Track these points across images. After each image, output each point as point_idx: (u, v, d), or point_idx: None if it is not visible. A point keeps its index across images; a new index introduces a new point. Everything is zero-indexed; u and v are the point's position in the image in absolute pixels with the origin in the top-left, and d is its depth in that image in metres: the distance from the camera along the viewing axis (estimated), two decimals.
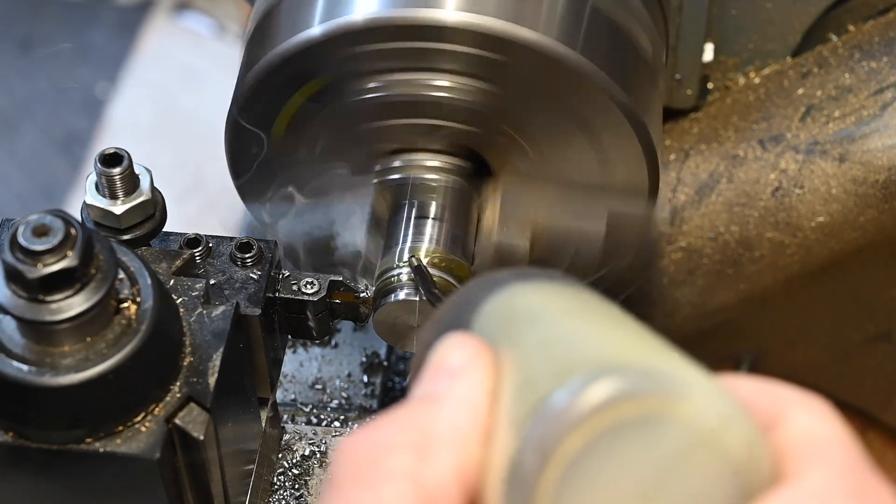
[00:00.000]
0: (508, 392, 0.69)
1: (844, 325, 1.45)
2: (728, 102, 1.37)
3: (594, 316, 0.72)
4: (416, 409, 0.70)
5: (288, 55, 1.09)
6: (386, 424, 0.70)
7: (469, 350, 0.72)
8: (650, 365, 0.67)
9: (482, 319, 0.74)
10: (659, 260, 1.37)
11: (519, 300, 0.74)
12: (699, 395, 0.65)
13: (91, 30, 2.99)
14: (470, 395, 0.70)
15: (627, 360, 0.67)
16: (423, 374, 0.72)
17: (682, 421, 0.65)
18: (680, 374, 0.66)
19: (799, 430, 0.68)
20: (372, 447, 0.69)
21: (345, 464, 0.69)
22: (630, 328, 0.71)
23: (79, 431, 0.95)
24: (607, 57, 1.09)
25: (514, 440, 0.67)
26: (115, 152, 1.05)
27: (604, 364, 0.66)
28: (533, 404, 0.66)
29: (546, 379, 0.67)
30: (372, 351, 1.35)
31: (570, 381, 0.66)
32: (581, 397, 0.65)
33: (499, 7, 1.06)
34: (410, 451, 0.68)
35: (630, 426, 0.65)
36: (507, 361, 0.71)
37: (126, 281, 0.96)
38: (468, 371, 0.71)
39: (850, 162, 1.29)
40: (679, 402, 0.65)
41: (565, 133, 1.12)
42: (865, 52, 1.32)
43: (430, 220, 1.15)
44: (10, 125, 2.86)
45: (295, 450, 1.20)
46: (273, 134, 1.16)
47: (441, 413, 0.69)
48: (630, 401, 0.65)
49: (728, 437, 0.65)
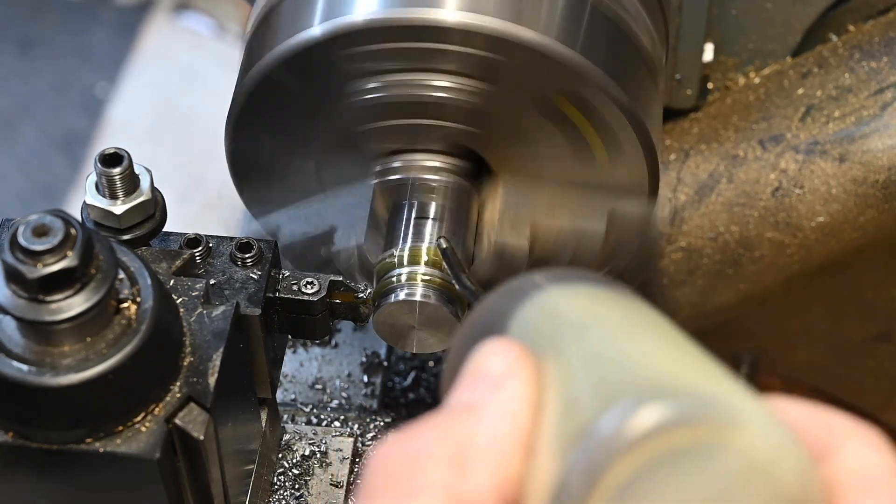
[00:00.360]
0: (553, 407, 0.66)
1: (844, 325, 1.45)
2: (728, 102, 1.37)
3: (643, 329, 0.69)
4: (455, 418, 0.67)
5: (288, 55, 1.09)
6: (422, 433, 0.67)
7: (511, 357, 0.68)
8: (702, 389, 0.64)
9: (521, 324, 0.71)
10: (659, 259, 1.37)
11: (563, 306, 0.71)
12: (753, 423, 0.63)
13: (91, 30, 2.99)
14: (512, 406, 0.67)
15: (679, 383, 0.65)
16: (460, 380, 0.69)
17: (736, 450, 0.62)
18: (733, 399, 0.64)
19: (853, 463, 0.66)
20: (408, 457, 0.66)
21: (379, 473, 0.66)
22: (679, 343, 0.68)
23: (79, 431, 0.95)
24: (607, 57, 1.09)
25: (559, 462, 0.64)
26: (116, 152, 1.06)
27: (654, 386, 0.64)
28: (579, 425, 0.64)
29: (593, 398, 0.65)
30: (372, 351, 1.35)
31: (620, 403, 0.63)
32: (631, 422, 0.62)
33: (499, 7, 1.06)
34: (448, 463, 0.65)
35: (681, 454, 0.62)
36: (551, 373, 0.68)
37: (126, 281, 0.96)
38: (510, 380, 0.67)
39: (850, 162, 1.29)
40: (733, 430, 0.62)
41: (565, 132, 1.12)
42: (865, 52, 1.32)
43: (430, 220, 1.15)
44: (10, 125, 2.86)
45: (295, 450, 1.20)
46: (273, 134, 1.16)
47: (481, 424, 0.66)
48: (681, 428, 0.62)
49: (782, 468, 0.63)
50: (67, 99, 2.89)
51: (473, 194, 1.17)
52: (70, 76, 2.92)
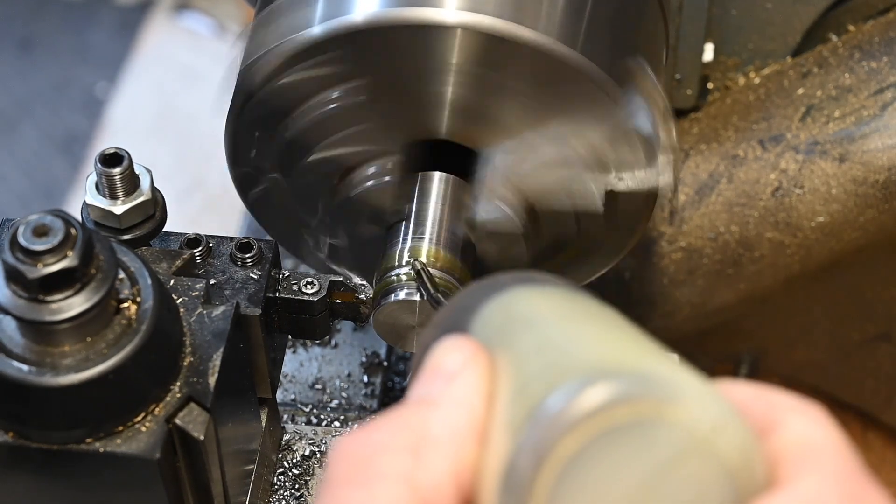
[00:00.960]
0: (504, 395, 0.70)
1: (844, 325, 1.45)
2: (728, 102, 1.37)
3: (590, 319, 0.73)
4: (412, 410, 0.70)
5: (288, 55, 1.09)
6: (381, 426, 0.70)
7: (465, 353, 0.72)
8: (645, 368, 0.67)
9: (480, 322, 0.75)
10: (658, 261, 1.37)
11: (516, 304, 0.75)
12: (693, 400, 0.65)
13: (91, 30, 2.99)
14: (465, 397, 0.70)
15: (622, 364, 0.67)
16: (420, 376, 0.73)
17: (676, 425, 0.65)
18: (674, 377, 0.66)
19: (794, 435, 0.68)
20: (366, 448, 0.69)
21: (339, 464, 0.69)
22: (626, 332, 0.71)
23: (79, 431, 0.95)
24: (607, 57, 1.09)
25: (509, 443, 0.67)
26: (116, 152, 1.05)
27: (598, 368, 0.67)
28: (528, 408, 0.67)
29: (541, 383, 0.68)
30: (372, 351, 1.35)
31: (564, 384, 0.66)
32: (576, 401, 0.65)
33: (499, 7, 1.06)
34: (405, 452, 0.68)
35: (624, 430, 0.65)
36: (503, 365, 0.71)
37: (126, 281, 0.96)
38: (463, 373, 0.71)
39: (850, 162, 1.29)
40: (673, 406, 0.65)
41: (565, 132, 1.12)
42: (865, 52, 1.32)
43: (430, 219, 1.15)
44: (10, 125, 2.86)
45: (295, 450, 1.20)
46: (273, 133, 1.16)
47: (436, 415, 0.70)
48: (624, 404, 0.65)
49: (722, 442, 0.65)
50: (67, 99, 2.89)
51: (474, 192, 1.17)
52: (70, 76, 2.93)
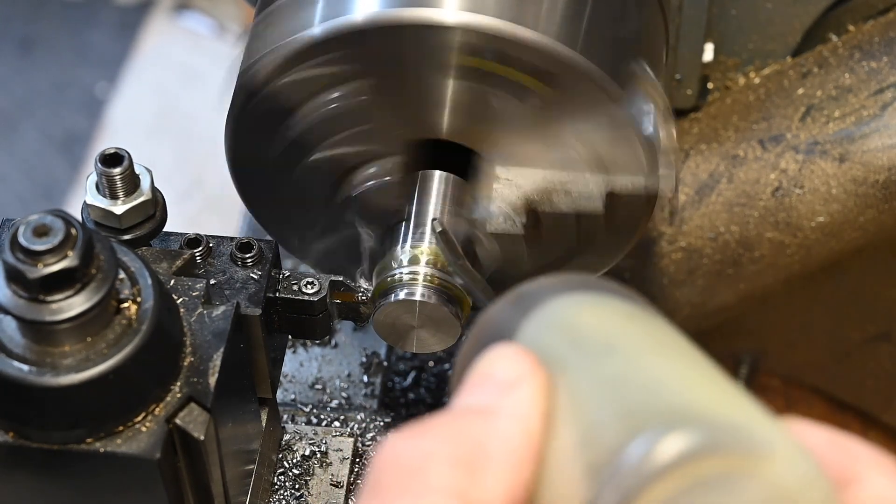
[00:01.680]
0: (571, 423, 0.66)
1: (844, 325, 1.45)
2: (728, 102, 1.37)
3: (664, 347, 0.69)
4: (464, 419, 0.66)
5: (288, 55, 1.09)
6: (431, 432, 0.66)
7: (522, 364, 0.68)
8: (729, 415, 0.65)
9: (533, 332, 0.71)
10: (658, 261, 1.37)
11: (579, 319, 0.71)
12: (781, 453, 0.63)
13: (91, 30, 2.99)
14: (524, 412, 0.66)
15: (706, 409, 0.65)
16: (467, 382, 0.68)
17: (764, 480, 0.63)
18: (759, 426, 0.64)
19: (874, 492, 0.66)
20: (417, 455, 0.65)
21: (387, 469, 0.65)
22: (699, 363, 0.68)
23: (79, 431, 0.95)
24: (607, 57, 1.09)
25: (586, 483, 0.64)
26: (116, 152, 1.06)
27: (683, 412, 0.64)
28: (607, 447, 0.64)
29: (621, 421, 0.65)
30: (372, 351, 1.35)
31: (650, 428, 0.63)
32: (662, 449, 0.62)
33: (499, 7, 1.06)
34: (458, 466, 0.64)
35: (710, 482, 0.62)
36: (567, 386, 0.67)
37: (126, 281, 0.96)
38: (521, 387, 0.67)
39: (850, 162, 1.29)
40: (761, 459, 0.63)
41: (564, 131, 1.12)
42: (865, 52, 1.32)
43: (430, 218, 1.15)
44: (10, 125, 2.86)
45: (295, 450, 1.20)
46: (273, 133, 1.16)
47: (492, 427, 0.66)
48: (711, 456, 0.62)
49: (808, 499, 0.63)
50: (67, 99, 2.90)
51: (474, 192, 1.17)
52: (70, 76, 2.93)
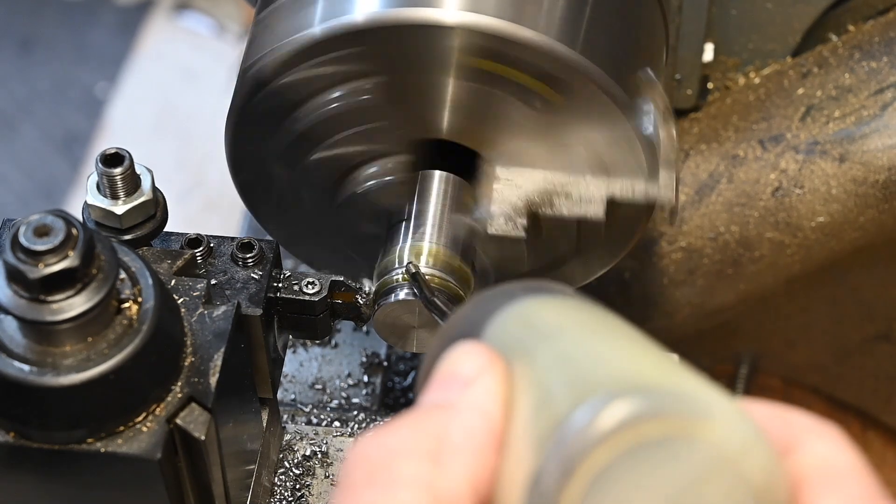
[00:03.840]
0: (525, 404, 0.69)
1: (844, 325, 1.45)
2: (728, 102, 1.37)
3: (612, 333, 0.72)
4: (430, 415, 0.70)
5: (288, 55, 1.09)
6: (398, 430, 0.69)
7: (481, 359, 0.71)
8: (673, 384, 0.67)
9: (494, 331, 0.74)
10: (657, 261, 1.37)
11: (535, 314, 0.74)
12: (722, 419, 0.65)
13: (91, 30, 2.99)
14: (484, 403, 0.70)
15: (650, 379, 0.67)
16: (433, 381, 0.72)
17: (705, 443, 0.65)
18: (703, 395, 0.66)
19: (815, 458, 0.68)
20: (386, 451, 0.69)
21: (358, 467, 0.69)
22: (648, 347, 0.71)
23: (80, 431, 0.95)
24: (607, 57, 1.09)
25: (535, 455, 0.66)
26: (117, 152, 1.06)
27: (626, 381, 0.66)
28: (554, 420, 0.66)
29: (567, 395, 0.67)
30: (372, 351, 1.35)
31: (594, 397, 0.65)
32: (605, 414, 0.64)
33: (499, 7, 1.06)
34: (425, 458, 0.68)
35: (652, 446, 0.64)
36: (523, 373, 0.70)
37: (127, 281, 0.96)
38: (481, 379, 0.70)
39: (850, 162, 1.29)
40: (702, 423, 0.65)
41: (565, 133, 1.12)
42: (865, 52, 1.32)
43: (430, 218, 1.15)
44: (10, 125, 2.86)
45: (296, 450, 1.20)
46: (273, 133, 1.16)
47: (455, 420, 0.69)
48: (653, 420, 0.64)
49: (748, 462, 0.65)
50: (67, 99, 2.90)
51: (474, 193, 1.18)
52: (70, 76, 2.93)
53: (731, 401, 0.67)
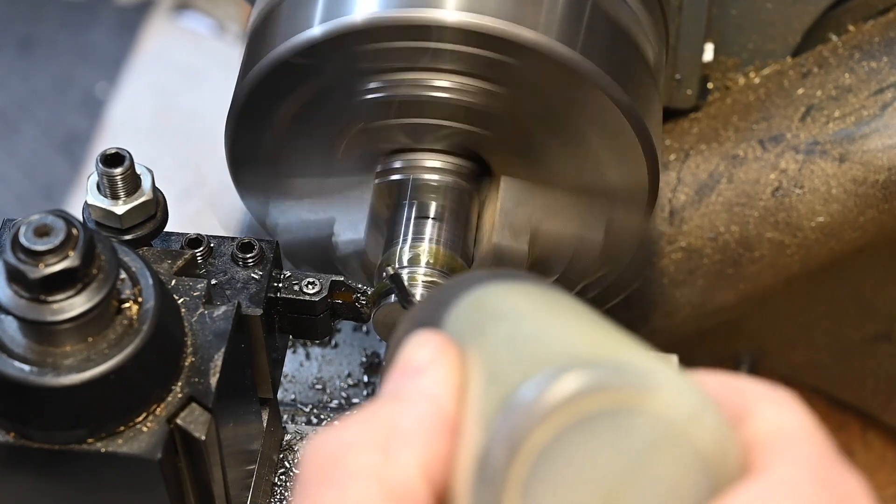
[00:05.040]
0: (476, 388, 0.69)
1: (844, 325, 1.45)
2: (728, 102, 1.37)
3: (562, 312, 0.72)
4: (381, 407, 0.70)
5: (288, 55, 1.10)
6: (351, 424, 0.69)
7: (433, 347, 0.71)
8: (620, 358, 0.67)
9: (452, 318, 0.74)
10: (657, 261, 1.37)
11: (488, 298, 0.74)
12: (669, 389, 0.65)
13: (91, 30, 2.99)
14: (433, 391, 0.69)
15: (596, 354, 0.67)
16: (390, 373, 0.72)
17: (652, 414, 0.65)
18: (650, 367, 0.66)
19: (766, 423, 0.68)
20: (336, 446, 0.68)
21: (310, 464, 0.69)
22: (598, 324, 0.71)
23: (80, 431, 0.95)
24: (607, 57, 1.09)
25: (482, 434, 0.66)
26: (117, 152, 1.06)
27: (572, 357, 0.67)
28: (501, 398, 0.66)
29: (513, 373, 0.67)
30: (372, 351, 1.35)
31: (538, 373, 0.66)
32: (550, 389, 0.65)
33: (499, 7, 1.06)
34: (374, 449, 0.68)
35: (599, 419, 0.65)
36: (475, 358, 0.70)
37: (128, 281, 0.96)
38: (432, 367, 0.70)
39: (850, 162, 1.29)
40: (648, 395, 0.65)
41: (565, 133, 1.12)
42: (865, 52, 1.32)
43: (430, 220, 1.15)
44: (10, 125, 2.86)
45: (296, 450, 1.20)
46: (273, 134, 1.16)
47: (405, 409, 0.69)
48: (598, 393, 0.65)
49: (697, 431, 0.65)
50: (67, 99, 2.89)
51: (474, 195, 1.18)
52: (70, 76, 2.93)
53: (680, 373, 0.67)
